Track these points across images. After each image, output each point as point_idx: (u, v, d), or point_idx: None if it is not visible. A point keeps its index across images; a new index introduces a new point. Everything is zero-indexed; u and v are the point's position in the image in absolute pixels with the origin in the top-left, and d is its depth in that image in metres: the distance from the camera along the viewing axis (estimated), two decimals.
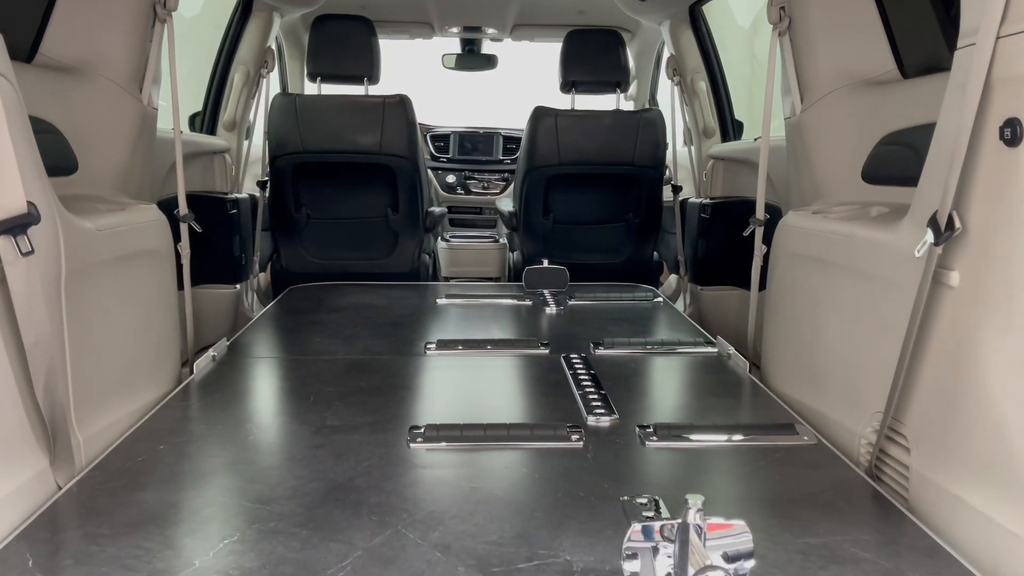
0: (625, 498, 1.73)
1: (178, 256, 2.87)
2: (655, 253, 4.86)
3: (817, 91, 2.76)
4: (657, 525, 1.38)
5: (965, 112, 1.61)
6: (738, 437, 2.11)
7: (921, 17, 2.49)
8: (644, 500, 1.71)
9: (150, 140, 2.88)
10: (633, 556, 1.39)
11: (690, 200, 4.64)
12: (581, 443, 2.04)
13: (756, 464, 1.99)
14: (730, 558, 1.39)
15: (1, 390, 1.71)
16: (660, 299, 3.88)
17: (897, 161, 2.45)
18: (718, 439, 2.10)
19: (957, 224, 1.67)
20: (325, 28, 4.36)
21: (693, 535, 1.33)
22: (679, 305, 4.72)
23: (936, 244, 1.69)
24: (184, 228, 2.92)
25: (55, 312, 1.87)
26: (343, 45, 4.35)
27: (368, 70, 4.38)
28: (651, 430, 2.11)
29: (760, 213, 3.03)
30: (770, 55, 2.85)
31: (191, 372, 2.66)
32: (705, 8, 4.55)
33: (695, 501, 1.33)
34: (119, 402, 2.24)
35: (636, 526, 1.36)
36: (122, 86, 2.70)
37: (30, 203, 1.64)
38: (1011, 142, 1.51)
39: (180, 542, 1.55)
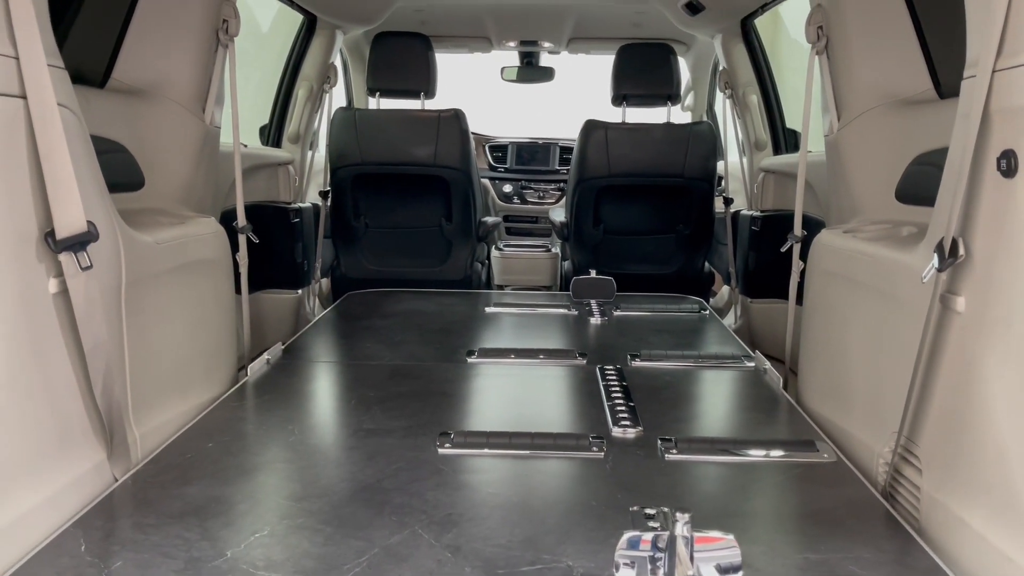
0: (635, 508, 1.78)
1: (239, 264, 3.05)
2: (706, 264, 4.87)
3: (854, 109, 2.77)
4: (650, 536, 1.45)
5: (967, 142, 1.64)
6: (758, 452, 2.15)
7: (958, 37, 2.48)
8: (653, 511, 1.76)
9: (212, 157, 3.07)
10: (630, 565, 1.46)
11: (742, 212, 4.65)
12: (602, 454, 2.11)
13: (772, 479, 2.02)
14: (722, 570, 1.46)
15: (64, 389, 1.88)
16: (707, 311, 3.90)
17: (929, 181, 2.44)
18: (738, 453, 2.14)
19: (961, 250, 1.69)
20: (384, 45, 4.53)
21: (680, 546, 1.40)
22: (730, 317, 4.72)
23: (940, 270, 1.72)
24: (242, 239, 3.10)
25: (114, 319, 2.05)
26: (401, 61, 4.51)
27: (425, 85, 4.53)
28: (672, 443, 2.17)
29: (798, 229, 3.04)
30: (808, 74, 2.88)
31: (246, 374, 2.83)
32: (765, 26, 4.55)
33: (682, 514, 1.40)
34: (175, 401, 2.42)
35: (627, 536, 1.44)
36: (186, 107, 2.90)
37: (90, 222, 1.81)
38: (1007, 173, 1.53)
39: (216, 533, 1.69)
